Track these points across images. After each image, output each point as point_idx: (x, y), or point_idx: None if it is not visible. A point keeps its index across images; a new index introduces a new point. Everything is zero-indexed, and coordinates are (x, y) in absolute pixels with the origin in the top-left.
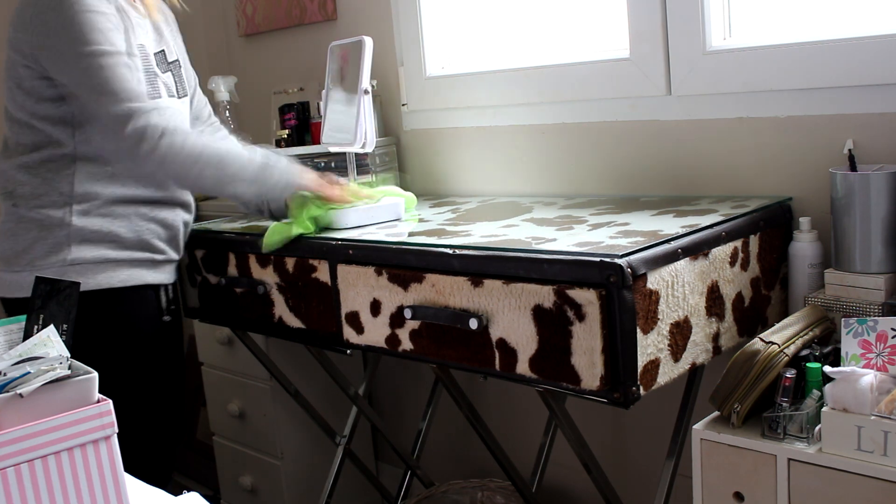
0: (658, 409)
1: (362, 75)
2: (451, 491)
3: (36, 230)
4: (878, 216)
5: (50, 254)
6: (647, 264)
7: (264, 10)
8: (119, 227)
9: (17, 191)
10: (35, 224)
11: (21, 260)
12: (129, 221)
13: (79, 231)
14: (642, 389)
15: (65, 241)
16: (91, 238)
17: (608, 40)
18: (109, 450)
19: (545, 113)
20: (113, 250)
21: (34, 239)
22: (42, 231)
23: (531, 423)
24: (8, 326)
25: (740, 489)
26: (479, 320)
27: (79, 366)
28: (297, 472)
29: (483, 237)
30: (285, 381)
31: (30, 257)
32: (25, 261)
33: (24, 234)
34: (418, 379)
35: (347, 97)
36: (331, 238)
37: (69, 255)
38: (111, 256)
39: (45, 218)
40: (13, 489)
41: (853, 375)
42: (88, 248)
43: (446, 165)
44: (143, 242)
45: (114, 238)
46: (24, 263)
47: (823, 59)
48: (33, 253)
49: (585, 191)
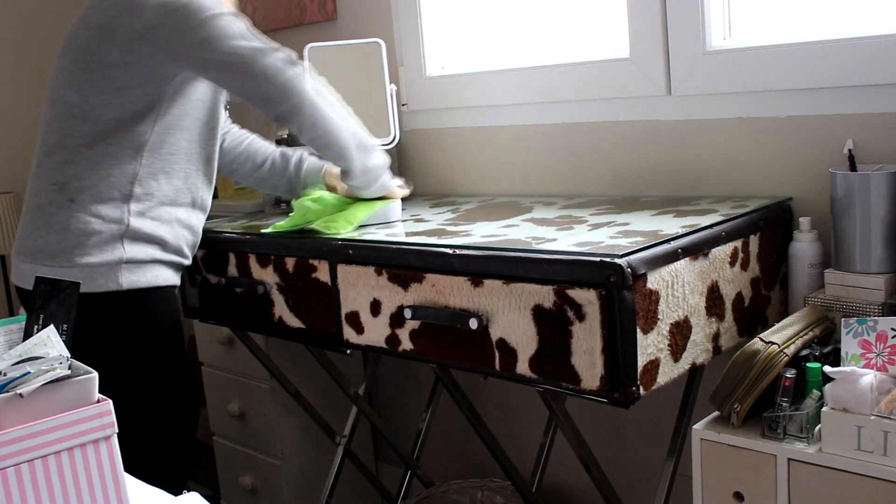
0: (658, 409)
1: (385, 75)
2: (451, 491)
3: (91, 226)
4: (878, 216)
5: (103, 251)
6: (647, 264)
7: (264, 10)
8: (164, 231)
9: (71, 184)
10: (90, 220)
11: (70, 256)
12: (170, 226)
13: (133, 231)
14: (642, 389)
15: (119, 240)
16: (143, 238)
17: (608, 40)
18: (109, 450)
19: (545, 113)
20: (159, 251)
21: (88, 234)
22: (98, 227)
23: (531, 423)
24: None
25: (740, 489)
26: (479, 320)
27: (79, 366)
28: (297, 472)
29: (483, 237)
30: (285, 381)
31: (80, 253)
32: (74, 256)
33: (78, 229)
34: (418, 379)
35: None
36: (331, 238)
37: (125, 254)
38: (158, 257)
39: (101, 214)
40: (13, 489)
41: (853, 375)
42: (140, 248)
43: (446, 165)
44: (178, 247)
45: (160, 240)
46: (73, 258)
47: (823, 59)
48: (85, 249)
49: (585, 191)
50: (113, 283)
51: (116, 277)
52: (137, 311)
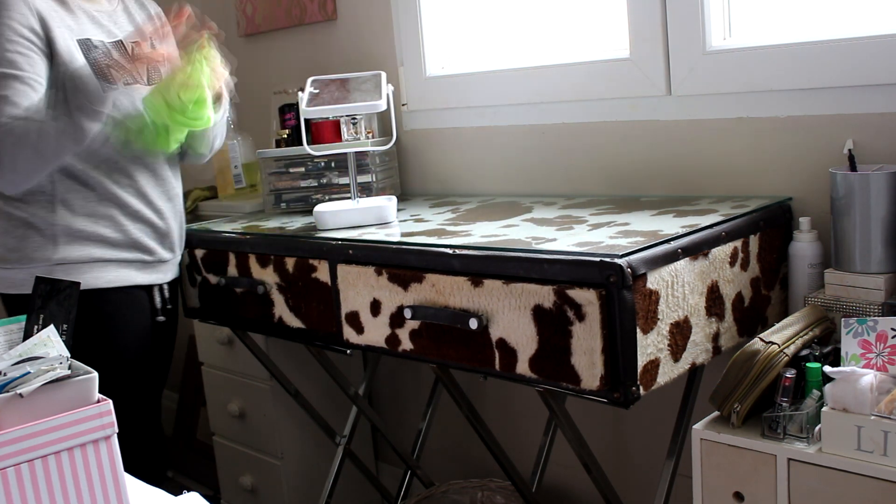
0: (658, 409)
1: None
2: (451, 491)
3: (23, 228)
4: (878, 216)
5: (38, 251)
6: (647, 264)
7: (264, 10)
8: (104, 228)
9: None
10: (22, 222)
11: (13, 257)
12: (112, 221)
13: (65, 229)
14: (642, 389)
15: (51, 240)
16: (78, 237)
17: (608, 40)
18: (109, 450)
19: (545, 113)
20: (100, 250)
21: (23, 236)
22: (29, 229)
23: (531, 423)
24: (8, 326)
25: (740, 489)
26: (479, 320)
27: (79, 366)
28: (297, 472)
29: (483, 237)
30: (285, 381)
31: (20, 254)
32: (17, 257)
33: (14, 232)
34: (418, 379)
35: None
36: (331, 238)
37: (56, 254)
38: (98, 256)
39: (31, 216)
40: (13, 489)
41: (853, 375)
42: (76, 248)
43: (446, 165)
44: (133, 242)
45: (100, 238)
46: (14, 260)
47: (823, 59)
48: (24, 250)
49: (585, 191)
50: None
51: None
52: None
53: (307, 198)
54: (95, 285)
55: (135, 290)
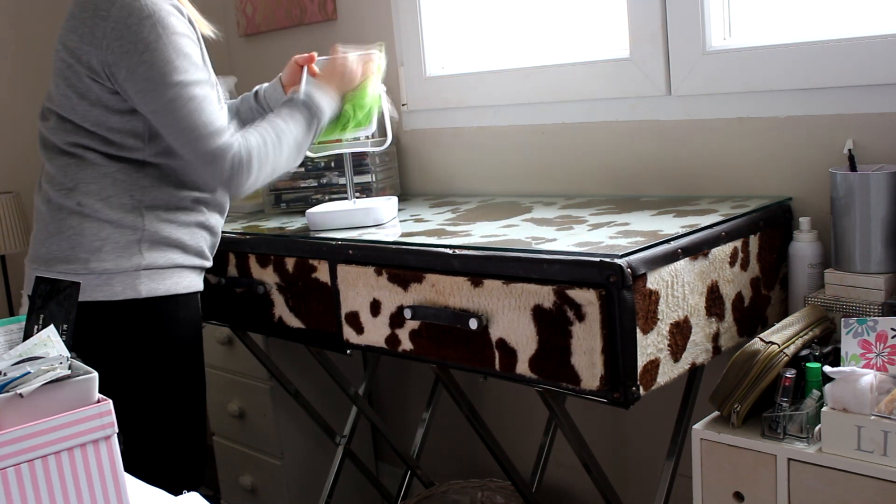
0: (658, 409)
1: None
2: (451, 491)
3: (106, 231)
4: (878, 216)
5: (121, 257)
6: (646, 264)
7: (264, 10)
8: (183, 234)
9: (80, 188)
10: (105, 225)
11: (87, 262)
12: (189, 229)
13: (151, 235)
14: (642, 389)
15: (136, 245)
16: (161, 243)
17: (608, 40)
18: (109, 450)
19: (545, 113)
20: (179, 256)
21: (104, 240)
22: (113, 233)
23: (531, 423)
24: (8, 326)
25: (740, 489)
26: (479, 320)
27: (79, 366)
28: (297, 472)
29: (483, 237)
30: (285, 381)
31: (98, 260)
32: (93, 263)
33: (93, 235)
34: (418, 379)
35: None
36: (331, 238)
37: (143, 260)
38: (178, 262)
39: (116, 219)
40: (13, 489)
41: (853, 375)
42: (160, 254)
43: (446, 165)
44: (199, 249)
45: (180, 244)
46: (89, 264)
47: (823, 59)
48: (102, 255)
49: (585, 191)
50: (131, 291)
51: (135, 285)
52: (155, 320)
53: (307, 198)
54: (175, 291)
55: (196, 295)
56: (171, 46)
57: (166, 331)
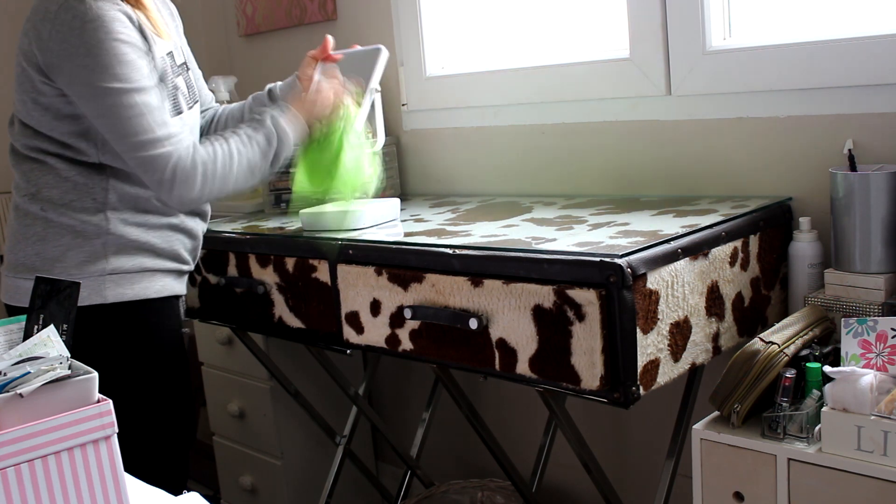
0: (658, 409)
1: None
2: (451, 491)
3: (69, 236)
4: (878, 216)
5: (86, 262)
6: (647, 264)
7: (264, 10)
8: (153, 237)
9: (42, 193)
10: (68, 230)
11: (51, 268)
12: (160, 231)
13: (117, 239)
14: (642, 389)
15: (101, 250)
16: (128, 247)
17: (608, 40)
18: (109, 450)
19: (545, 113)
20: (149, 259)
21: (67, 246)
22: (76, 238)
23: (531, 423)
24: (8, 326)
25: (740, 489)
26: (479, 320)
27: (79, 366)
28: (297, 472)
29: (483, 237)
30: (285, 381)
31: (62, 265)
32: (57, 269)
33: (56, 241)
34: (418, 379)
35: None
36: (331, 238)
37: (108, 265)
38: (148, 266)
39: (79, 224)
40: (13, 489)
41: (853, 375)
42: (127, 258)
43: (446, 165)
44: (174, 253)
45: (149, 248)
46: (55, 272)
47: (823, 59)
48: (66, 261)
49: (585, 191)
50: (97, 296)
51: (101, 290)
52: (126, 325)
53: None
54: (145, 295)
55: (172, 299)
56: (112, 52)
57: (139, 336)
